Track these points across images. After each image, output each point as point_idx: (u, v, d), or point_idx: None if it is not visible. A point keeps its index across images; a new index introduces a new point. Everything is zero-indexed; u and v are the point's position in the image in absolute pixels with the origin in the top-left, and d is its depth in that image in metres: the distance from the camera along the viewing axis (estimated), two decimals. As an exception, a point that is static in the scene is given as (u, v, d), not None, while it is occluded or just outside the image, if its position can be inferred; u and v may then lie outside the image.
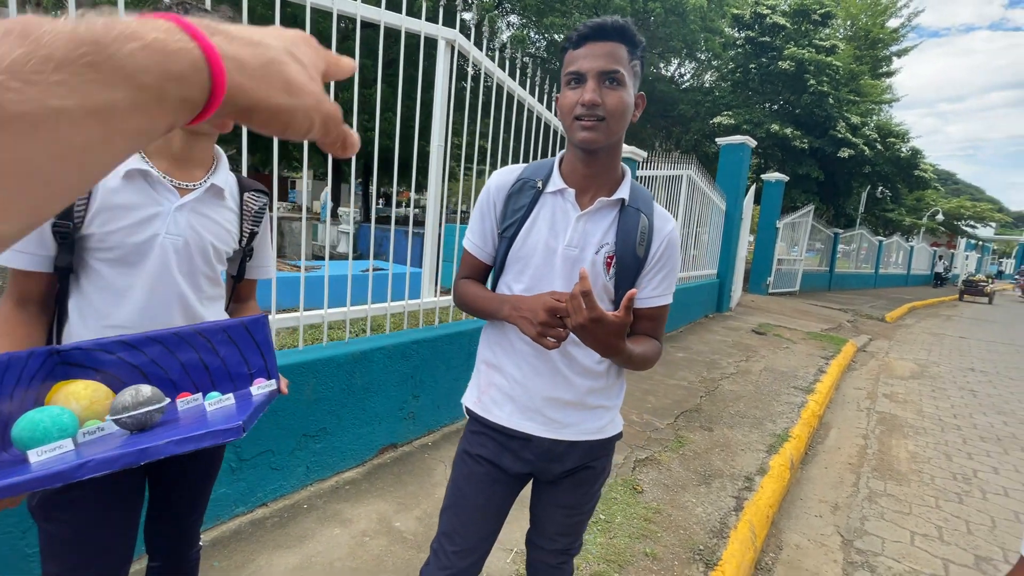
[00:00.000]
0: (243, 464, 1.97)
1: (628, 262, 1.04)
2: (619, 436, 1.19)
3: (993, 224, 33.19)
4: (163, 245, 0.96)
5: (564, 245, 1.04)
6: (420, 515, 2.12)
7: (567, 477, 1.16)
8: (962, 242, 29.57)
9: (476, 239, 1.14)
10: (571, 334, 0.93)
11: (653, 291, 1.09)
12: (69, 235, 0.89)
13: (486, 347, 1.17)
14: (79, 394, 0.81)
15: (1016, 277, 16.32)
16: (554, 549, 1.22)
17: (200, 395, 0.93)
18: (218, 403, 0.89)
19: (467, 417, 1.20)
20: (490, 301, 1.08)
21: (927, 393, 5.07)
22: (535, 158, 3.40)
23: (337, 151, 0.37)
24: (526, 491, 1.30)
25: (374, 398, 2.46)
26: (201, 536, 1.33)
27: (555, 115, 3.56)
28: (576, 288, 0.84)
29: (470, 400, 1.18)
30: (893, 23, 19.98)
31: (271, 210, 1.23)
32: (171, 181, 0.97)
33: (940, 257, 22.10)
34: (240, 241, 1.11)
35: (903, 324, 10.19)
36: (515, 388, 1.09)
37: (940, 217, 24.81)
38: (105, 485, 0.91)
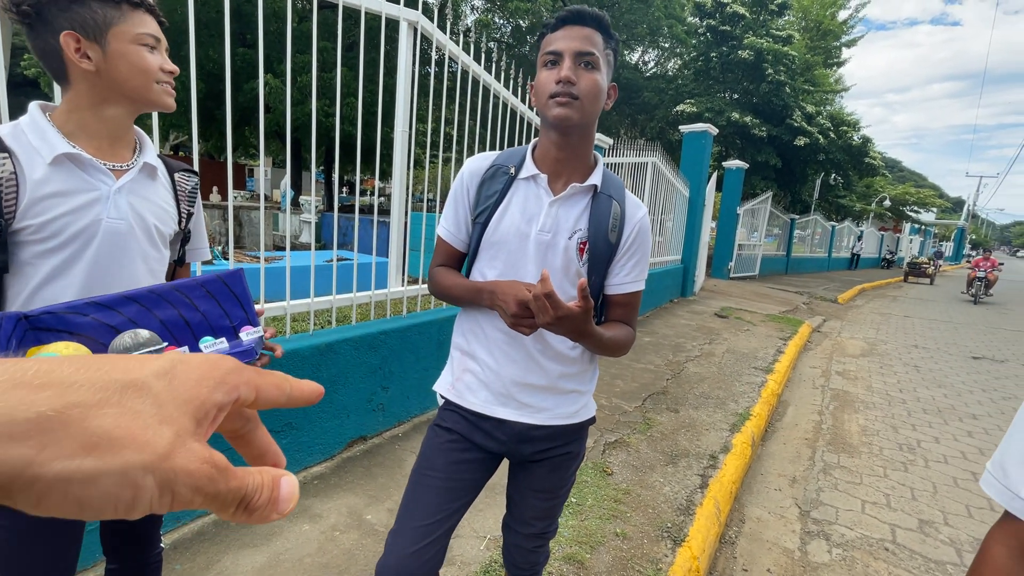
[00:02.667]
0: (204, 463, 1.90)
1: (600, 248, 1.05)
2: (592, 420, 1.20)
3: (935, 209, 35.17)
4: (107, 230, 0.91)
5: (537, 230, 1.04)
6: (392, 507, 2.10)
7: (542, 462, 1.17)
8: (907, 226, 31.24)
9: (450, 226, 1.14)
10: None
11: (625, 277, 1.10)
12: (1, 232, 0.83)
13: (459, 334, 1.16)
14: (60, 352, 0.76)
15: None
16: (530, 533, 1.23)
17: (186, 348, 0.92)
18: (213, 345, 0.92)
19: (439, 406, 1.19)
20: (468, 290, 1.08)
21: (876, 370, 5.36)
22: (503, 146, 3.37)
23: (240, 517, 0.25)
24: (500, 479, 1.31)
25: (341, 390, 2.41)
26: (162, 537, 1.28)
27: (523, 102, 3.53)
28: (538, 290, 0.85)
29: (443, 386, 1.17)
30: (842, 15, 20.72)
31: (227, 197, 1.19)
32: (103, 163, 0.92)
33: (859, 238, 22.14)
34: (179, 222, 1.08)
35: (854, 305, 10.72)
36: (488, 374, 1.09)
37: (887, 203, 26.10)
38: None
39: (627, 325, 1.12)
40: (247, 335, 0.97)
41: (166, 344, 0.84)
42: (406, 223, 2.98)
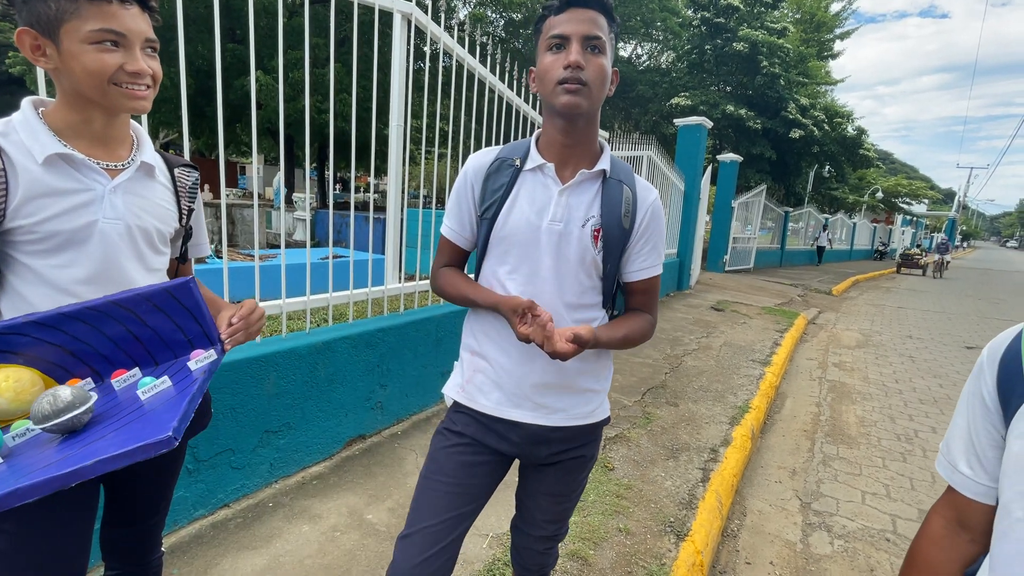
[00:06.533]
0: (201, 465, 1.87)
1: (615, 234, 1.03)
2: (607, 421, 1.18)
3: (926, 201, 35.38)
4: (103, 231, 0.88)
5: (548, 221, 1.01)
6: (392, 506, 2.09)
7: (556, 465, 1.14)
8: (899, 218, 31.42)
9: (453, 224, 1.11)
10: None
11: (643, 263, 1.08)
12: None
13: (469, 335, 1.13)
14: (0, 387, 0.74)
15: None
16: (541, 535, 1.21)
17: (137, 370, 0.88)
18: (153, 389, 0.82)
19: (441, 403, 1.18)
20: (476, 294, 1.06)
21: (872, 361, 5.39)
22: (499, 142, 3.34)
23: None
24: (507, 477, 1.29)
25: (339, 389, 2.39)
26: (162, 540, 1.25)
27: (518, 95, 3.49)
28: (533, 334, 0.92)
29: (453, 389, 1.13)
30: (835, 7, 20.75)
31: (219, 195, 1.16)
32: (96, 163, 0.89)
33: (822, 229, 20.57)
34: (180, 220, 1.04)
35: (848, 297, 10.77)
36: (501, 375, 1.06)
37: (880, 195, 26.23)
38: None
39: (645, 313, 1.11)
40: (196, 363, 0.88)
41: (93, 400, 0.77)
42: (402, 219, 2.94)
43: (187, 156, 1.83)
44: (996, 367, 0.63)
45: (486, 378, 1.08)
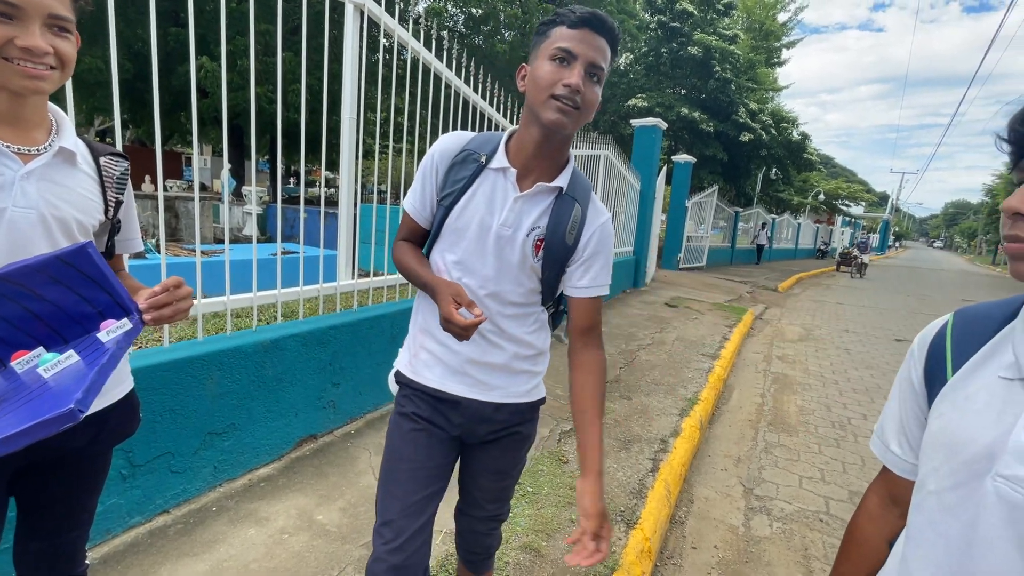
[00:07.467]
0: (137, 470, 1.78)
1: (556, 247, 1.06)
2: (543, 401, 1.23)
3: (863, 203, 37.74)
4: (12, 220, 0.82)
5: (499, 224, 1.05)
6: (344, 506, 2.05)
7: (494, 442, 1.19)
8: (839, 219, 33.35)
9: (416, 202, 1.13)
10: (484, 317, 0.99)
11: (589, 281, 1.10)
12: None
13: (418, 312, 1.18)
14: None
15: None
16: (483, 516, 1.25)
17: (41, 349, 0.80)
18: (56, 366, 0.75)
19: (395, 393, 1.19)
20: (417, 277, 1.10)
21: (812, 353, 5.71)
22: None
23: None
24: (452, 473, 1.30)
25: (289, 388, 2.32)
26: (87, 553, 1.18)
27: (476, 91, 3.48)
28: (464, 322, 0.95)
29: (402, 363, 1.19)
30: (782, 17, 21.77)
31: (159, 185, 1.09)
32: (7, 146, 0.82)
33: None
34: (106, 212, 0.98)
35: (792, 293, 11.35)
36: (444, 352, 1.11)
37: (822, 196, 27.76)
38: None
39: (593, 350, 1.12)
40: (108, 333, 0.81)
41: None
42: (356, 214, 2.88)
43: (119, 144, 1.73)
44: (925, 353, 0.68)
45: (430, 355, 1.13)
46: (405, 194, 1.18)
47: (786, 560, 2.14)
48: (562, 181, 1.06)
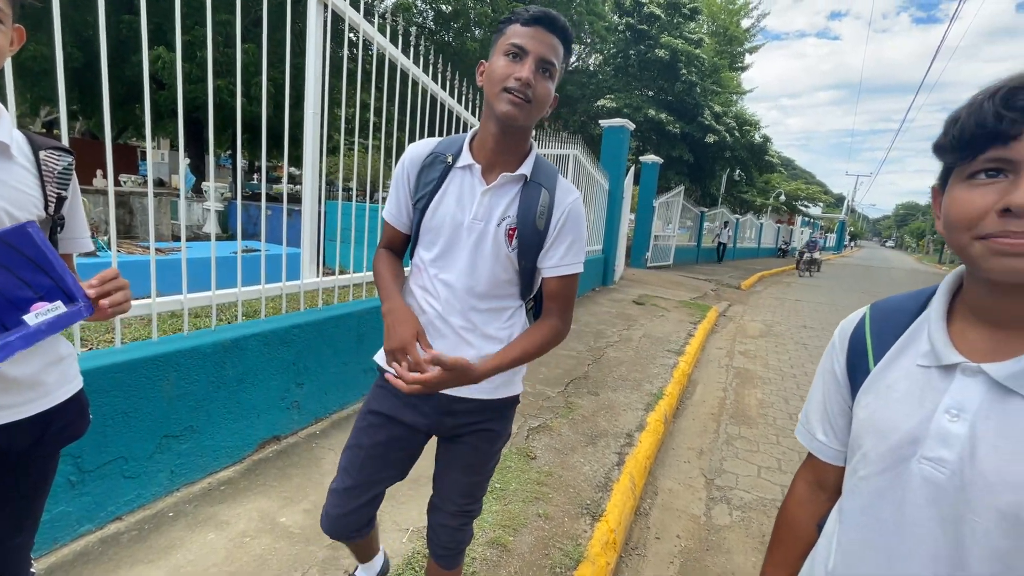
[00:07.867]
0: (86, 476, 1.70)
1: (528, 234, 1.09)
2: (516, 400, 1.24)
3: (821, 204, 39.35)
4: None
5: (470, 218, 1.09)
6: (308, 507, 2.02)
7: (465, 437, 1.21)
8: (799, 219, 34.66)
9: (393, 209, 1.19)
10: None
11: (561, 260, 1.12)
12: None
13: None
14: None
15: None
16: (455, 511, 1.26)
17: None
18: None
19: (361, 401, 1.22)
20: (381, 290, 1.17)
21: (772, 349, 5.92)
22: (426, 134, 3.29)
23: None
24: (423, 471, 1.31)
25: (250, 389, 2.26)
26: (33, 562, 1.13)
27: (443, 88, 3.46)
28: (413, 369, 1.00)
29: (380, 356, 1.22)
30: (745, 23, 22.42)
31: (109, 180, 1.05)
32: None
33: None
34: (46, 208, 0.94)
35: (755, 291, 11.73)
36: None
37: (783, 197, 28.79)
38: None
39: (553, 319, 1.14)
40: (36, 315, 0.78)
41: None
42: (321, 211, 2.83)
43: (66, 136, 1.66)
44: (846, 345, 0.72)
45: None
46: (372, 191, 1.21)
47: (745, 547, 2.22)
48: (525, 169, 1.10)
